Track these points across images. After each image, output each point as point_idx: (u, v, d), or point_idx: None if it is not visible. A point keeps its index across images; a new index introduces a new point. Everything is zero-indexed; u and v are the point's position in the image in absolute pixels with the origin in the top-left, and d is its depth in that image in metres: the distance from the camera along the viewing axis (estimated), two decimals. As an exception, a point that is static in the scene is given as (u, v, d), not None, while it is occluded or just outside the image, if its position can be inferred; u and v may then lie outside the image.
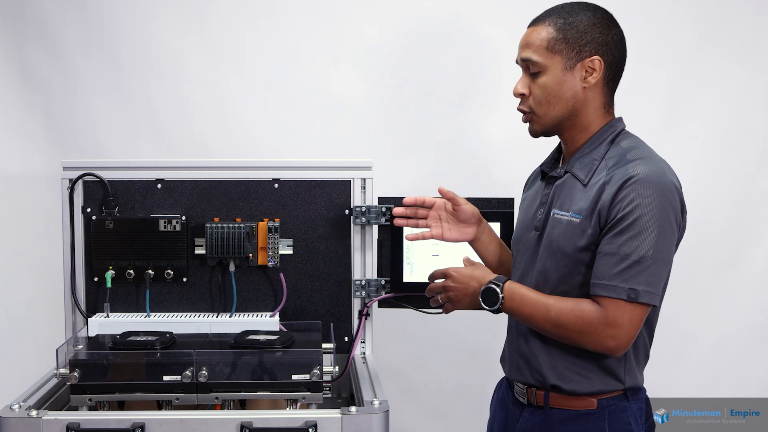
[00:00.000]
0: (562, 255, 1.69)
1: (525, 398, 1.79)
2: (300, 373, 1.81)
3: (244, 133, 2.90)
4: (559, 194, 1.75)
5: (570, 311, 1.64)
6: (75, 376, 1.77)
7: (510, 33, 2.76)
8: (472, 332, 2.89)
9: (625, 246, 1.59)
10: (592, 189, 1.67)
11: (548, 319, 1.67)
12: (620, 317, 1.60)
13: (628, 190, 1.60)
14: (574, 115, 1.73)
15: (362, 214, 2.21)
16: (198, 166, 2.22)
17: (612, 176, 1.65)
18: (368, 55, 2.89)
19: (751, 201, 2.96)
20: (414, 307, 2.21)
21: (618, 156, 1.69)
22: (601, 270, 1.62)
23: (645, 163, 1.63)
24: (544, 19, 1.73)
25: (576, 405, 1.72)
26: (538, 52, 1.71)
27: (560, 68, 1.70)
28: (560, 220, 1.71)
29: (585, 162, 1.72)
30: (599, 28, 1.70)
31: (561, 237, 1.70)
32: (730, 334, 2.99)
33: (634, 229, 1.59)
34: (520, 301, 1.71)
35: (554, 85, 1.70)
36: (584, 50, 1.69)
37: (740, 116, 2.92)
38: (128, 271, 2.16)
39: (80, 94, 2.86)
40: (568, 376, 1.71)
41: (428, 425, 3.00)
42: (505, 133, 2.87)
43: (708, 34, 2.89)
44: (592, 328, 1.62)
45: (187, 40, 2.86)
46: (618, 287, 1.60)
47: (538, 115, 1.74)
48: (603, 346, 1.63)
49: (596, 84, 1.71)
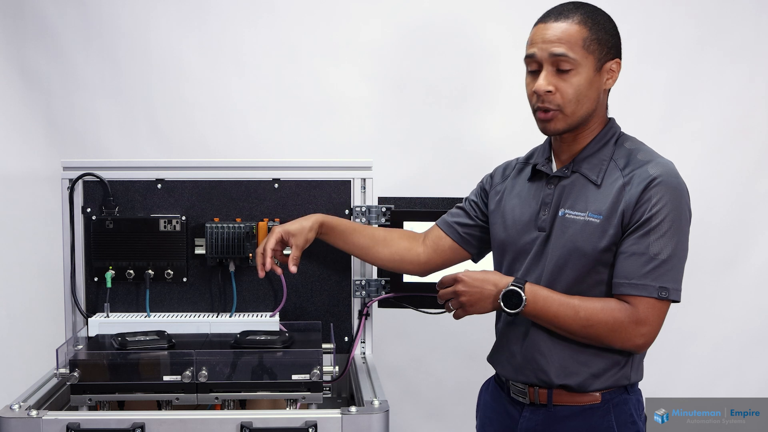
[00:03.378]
0: (579, 255, 1.69)
1: (526, 397, 1.78)
2: (300, 373, 1.81)
3: (244, 133, 2.90)
4: (569, 194, 1.74)
5: (600, 310, 1.65)
6: (75, 376, 1.77)
7: (510, 32, 2.77)
8: (472, 332, 2.88)
9: (653, 246, 1.63)
10: (609, 189, 1.68)
11: (577, 319, 1.66)
12: (650, 315, 1.64)
13: (653, 191, 1.63)
14: (592, 116, 1.73)
15: (362, 214, 2.21)
16: (198, 166, 2.22)
17: (631, 177, 1.67)
18: (368, 55, 2.90)
19: (751, 201, 2.96)
20: (414, 307, 2.21)
21: (626, 157, 1.71)
22: (630, 269, 1.64)
23: (659, 164, 1.67)
24: (570, 16, 1.68)
25: (581, 400, 1.72)
26: (574, 49, 1.65)
27: (592, 68, 1.68)
28: (575, 220, 1.70)
29: (594, 163, 1.73)
30: (616, 30, 1.73)
31: (578, 237, 1.69)
32: (730, 334, 2.99)
33: (660, 229, 1.62)
34: (544, 303, 1.69)
35: (586, 84, 1.68)
36: (609, 53, 1.70)
37: (740, 116, 2.92)
38: (128, 271, 2.16)
39: (80, 94, 2.86)
40: (578, 374, 1.71)
41: (428, 425, 3.00)
42: (505, 133, 2.87)
43: (708, 34, 2.89)
44: (623, 326, 1.64)
45: (187, 40, 2.86)
46: (649, 286, 1.63)
47: (566, 114, 1.69)
48: (632, 343, 1.66)
49: (609, 88, 1.74)
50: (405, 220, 2.18)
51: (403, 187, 2.49)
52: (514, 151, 2.72)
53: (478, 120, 2.92)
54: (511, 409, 1.83)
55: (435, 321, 2.25)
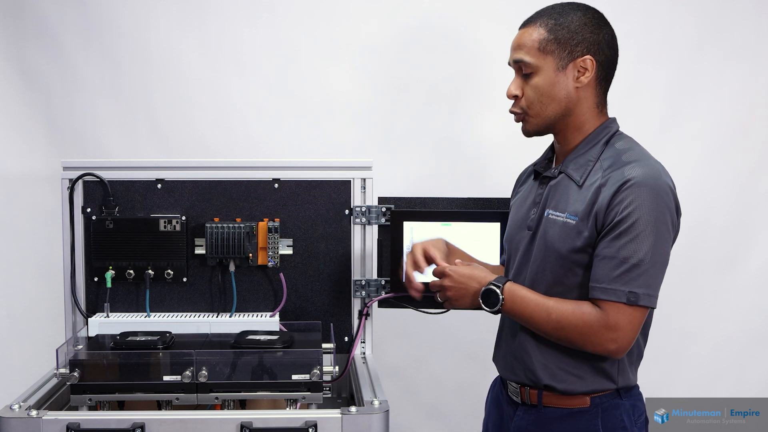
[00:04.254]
0: (556, 256, 1.69)
1: (519, 397, 1.80)
2: (300, 373, 1.81)
3: (244, 133, 2.90)
4: (554, 195, 1.75)
5: (571, 313, 1.65)
6: (75, 376, 1.77)
7: (509, 33, 2.76)
8: (472, 332, 2.89)
9: (623, 249, 1.60)
10: (588, 190, 1.67)
11: (549, 321, 1.67)
12: (620, 320, 1.61)
13: (625, 193, 1.60)
14: (567, 115, 1.73)
15: (362, 214, 2.21)
16: (198, 166, 2.22)
17: (608, 179, 1.65)
18: (368, 55, 2.89)
19: (751, 201, 2.96)
20: (414, 307, 2.21)
21: (613, 157, 1.69)
22: (600, 273, 1.62)
23: (640, 166, 1.63)
24: (535, 21, 1.73)
25: (569, 403, 1.72)
26: (530, 53, 1.71)
27: (552, 69, 1.70)
28: (555, 221, 1.71)
29: (580, 163, 1.73)
30: (590, 27, 1.70)
31: (556, 238, 1.70)
32: (730, 334, 2.99)
33: (632, 232, 1.59)
34: (521, 303, 1.71)
35: (547, 85, 1.71)
36: (576, 50, 1.69)
37: (740, 116, 2.92)
38: (128, 271, 2.16)
39: (80, 94, 2.86)
40: (561, 376, 1.71)
41: (428, 425, 3.00)
42: (504, 133, 2.86)
43: (708, 34, 2.89)
44: (593, 330, 1.62)
45: (187, 40, 2.86)
46: (618, 290, 1.60)
47: (530, 116, 1.75)
48: (603, 348, 1.63)
49: (589, 84, 1.72)
50: (405, 220, 2.17)
51: (403, 187, 2.49)
52: (514, 151, 2.72)
53: (478, 120, 2.92)
54: (508, 407, 1.84)
55: (435, 321, 2.25)
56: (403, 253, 2.16)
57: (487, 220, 2.14)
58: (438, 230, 2.16)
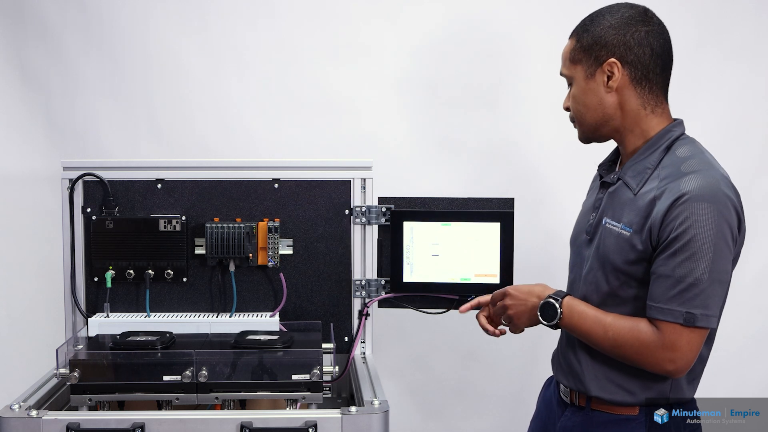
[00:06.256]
0: (612, 268, 1.66)
1: (568, 398, 1.80)
2: (300, 373, 1.81)
3: (244, 133, 2.90)
4: (611, 202, 1.72)
5: (628, 331, 1.61)
6: (75, 376, 1.77)
7: (510, 33, 2.76)
8: (472, 332, 2.88)
9: (679, 268, 1.55)
10: (642, 200, 1.63)
11: (606, 339, 1.64)
12: (678, 341, 1.57)
13: (680, 209, 1.54)
14: (609, 120, 1.71)
15: (362, 214, 2.21)
16: (198, 166, 2.22)
17: (663, 190, 1.59)
18: (368, 55, 2.89)
19: (751, 201, 2.95)
20: (414, 307, 2.21)
21: (672, 166, 1.63)
22: (657, 292, 1.58)
23: (698, 178, 1.57)
24: (573, 33, 1.76)
25: (618, 410, 1.71)
26: (565, 65, 1.75)
27: (582, 77, 1.71)
28: (611, 230, 1.68)
29: (638, 169, 1.68)
30: (615, 29, 1.67)
31: (611, 249, 1.66)
32: (730, 334, 2.98)
33: (688, 250, 1.54)
34: (578, 318, 1.68)
35: (580, 94, 1.72)
36: (601, 55, 1.68)
37: (740, 116, 2.92)
38: (128, 271, 2.16)
39: (80, 94, 2.86)
40: (610, 388, 1.70)
41: (428, 425, 3.00)
42: (505, 133, 2.87)
43: (708, 34, 2.89)
44: (650, 351, 1.59)
45: (187, 40, 2.86)
46: (674, 311, 1.56)
47: (579, 124, 1.77)
48: (661, 368, 1.60)
49: (623, 86, 1.68)
50: (405, 220, 2.17)
51: (403, 187, 2.49)
52: (513, 151, 2.71)
53: (479, 120, 2.92)
54: (557, 407, 1.85)
55: (435, 321, 2.25)
56: (404, 254, 2.16)
57: (487, 220, 2.14)
58: (438, 230, 2.16)
